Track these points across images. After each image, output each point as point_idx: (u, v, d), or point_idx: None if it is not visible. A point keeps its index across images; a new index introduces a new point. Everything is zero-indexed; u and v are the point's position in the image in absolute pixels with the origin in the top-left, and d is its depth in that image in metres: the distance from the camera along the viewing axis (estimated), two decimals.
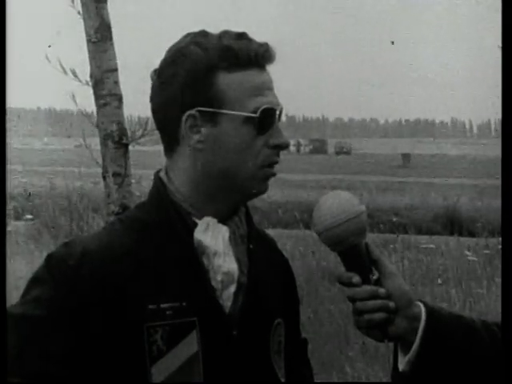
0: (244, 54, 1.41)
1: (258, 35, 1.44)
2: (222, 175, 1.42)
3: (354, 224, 1.38)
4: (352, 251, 1.39)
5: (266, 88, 1.43)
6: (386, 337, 1.39)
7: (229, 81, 1.40)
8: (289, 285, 1.62)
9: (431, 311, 1.40)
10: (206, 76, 1.40)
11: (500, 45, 1.41)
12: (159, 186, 1.46)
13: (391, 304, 1.37)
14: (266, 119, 1.41)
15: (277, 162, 1.45)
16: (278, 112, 1.44)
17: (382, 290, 1.38)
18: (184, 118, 1.41)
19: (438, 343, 1.37)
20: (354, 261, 1.40)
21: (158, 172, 1.49)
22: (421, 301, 1.42)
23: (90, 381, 1.33)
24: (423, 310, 1.39)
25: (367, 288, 1.38)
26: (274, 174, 1.45)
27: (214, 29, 1.45)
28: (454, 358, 1.38)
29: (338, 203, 1.38)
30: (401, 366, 1.40)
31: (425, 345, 1.37)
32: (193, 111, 1.40)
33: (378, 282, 1.40)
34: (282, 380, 1.50)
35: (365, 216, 1.39)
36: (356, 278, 1.38)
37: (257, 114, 1.40)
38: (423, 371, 1.38)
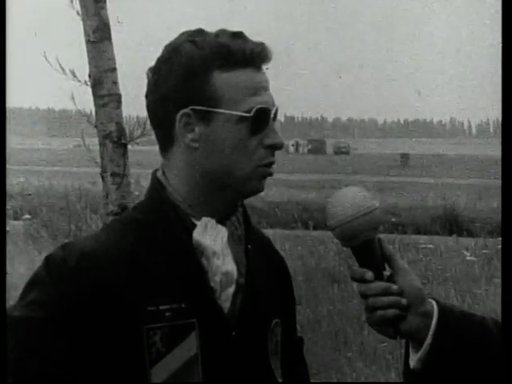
0: (240, 53, 1.39)
1: (256, 35, 1.43)
2: (216, 174, 1.40)
3: (368, 219, 1.36)
4: (365, 247, 1.38)
5: (262, 88, 1.41)
6: (397, 333, 1.38)
7: (224, 80, 1.38)
8: (285, 284, 1.61)
9: (443, 308, 1.39)
10: (201, 74, 1.38)
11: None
12: (157, 186, 1.45)
13: (404, 301, 1.36)
14: (260, 119, 1.40)
15: (273, 163, 1.43)
16: (273, 112, 1.42)
17: (394, 287, 1.37)
18: (178, 116, 1.39)
19: (450, 340, 1.37)
20: (366, 256, 1.39)
21: (155, 172, 1.48)
22: (433, 298, 1.41)
23: (89, 383, 1.32)
24: (435, 307, 1.38)
25: (380, 284, 1.37)
26: (270, 174, 1.43)
27: (212, 28, 1.44)
28: (465, 356, 1.37)
29: (351, 198, 1.37)
30: (412, 363, 1.39)
31: (436, 342, 1.36)
32: (187, 110, 1.39)
33: (390, 279, 1.39)
34: (280, 380, 1.50)
35: (378, 211, 1.38)
36: (369, 274, 1.37)
37: (251, 114, 1.38)
38: (434, 368, 1.37)
